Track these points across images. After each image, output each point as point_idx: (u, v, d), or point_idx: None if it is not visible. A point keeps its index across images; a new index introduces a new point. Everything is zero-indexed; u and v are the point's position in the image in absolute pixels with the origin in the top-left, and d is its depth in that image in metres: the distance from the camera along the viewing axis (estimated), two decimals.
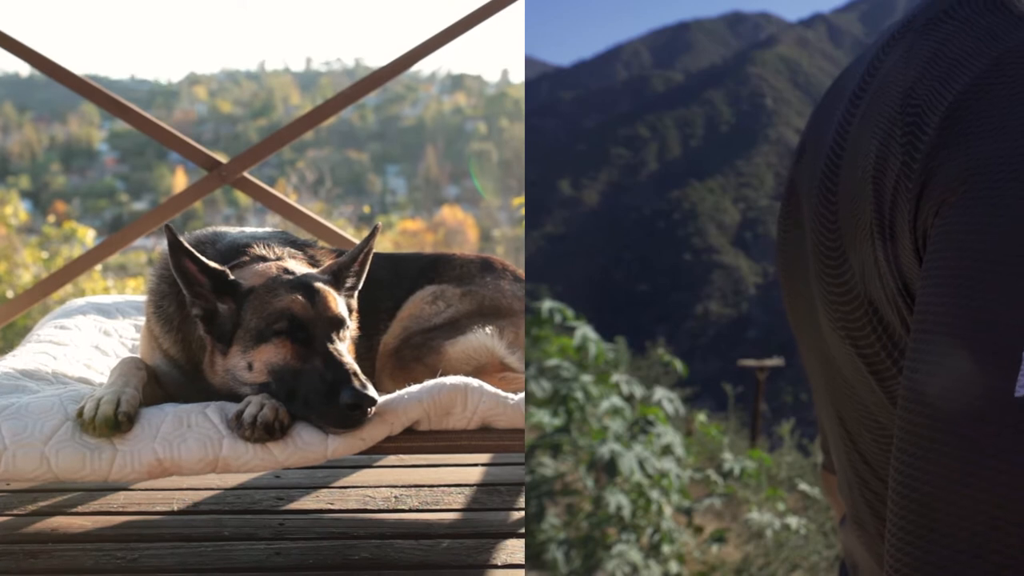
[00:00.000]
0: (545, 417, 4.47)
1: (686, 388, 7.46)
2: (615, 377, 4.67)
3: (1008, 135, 0.59)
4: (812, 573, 5.26)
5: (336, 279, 2.36)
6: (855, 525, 0.87)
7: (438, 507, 2.85)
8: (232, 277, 2.26)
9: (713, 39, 67.40)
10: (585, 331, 4.58)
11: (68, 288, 4.31)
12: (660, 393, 4.73)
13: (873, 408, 0.75)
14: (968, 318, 0.57)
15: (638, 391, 4.69)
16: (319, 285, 2.28)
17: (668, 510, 4.42)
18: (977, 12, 0.68)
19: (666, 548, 4.34)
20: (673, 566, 4.33)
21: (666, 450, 4.48)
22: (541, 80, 67.26)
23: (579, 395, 4.41)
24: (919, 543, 0.57)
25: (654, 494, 4.33)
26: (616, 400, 4.54)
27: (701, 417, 5.86)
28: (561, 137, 56.20)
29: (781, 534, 5.15)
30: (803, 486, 6.12)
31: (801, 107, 53.72)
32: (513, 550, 2.54)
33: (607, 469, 4.17)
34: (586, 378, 4.50)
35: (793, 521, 5.16)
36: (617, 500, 4.20)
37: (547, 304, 4.62)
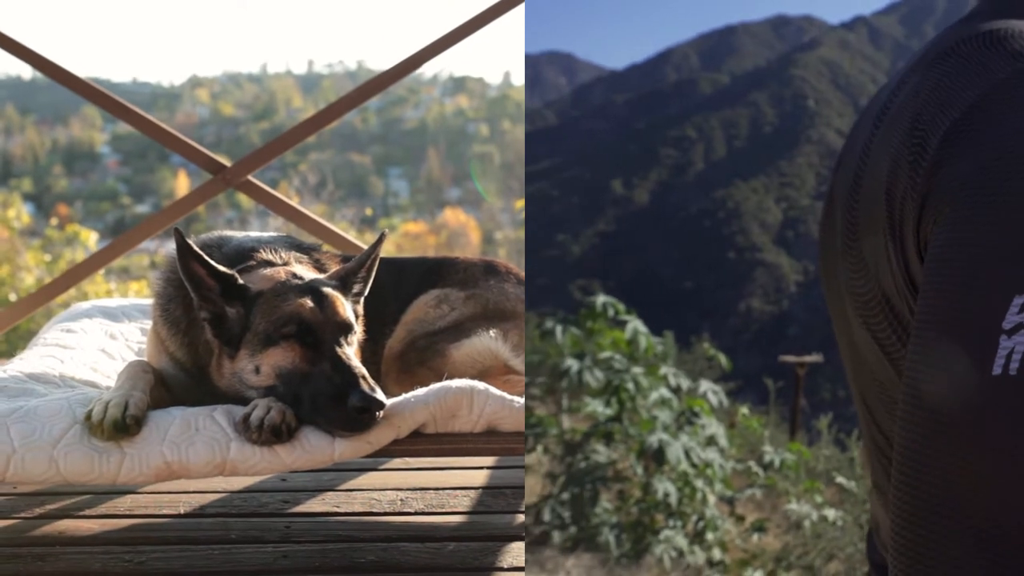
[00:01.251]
0: (599, 407, 4.68)
1: (729, 382, 7.61)
2: (663, 369, 4.87)
3: (988, 157, 0.69)
4: (848, 564, 5.32)
5: (344, 285, 2.37)
6: (875, 489, 0.97)
7: (443, 510, 2.86)
8: (241, 281, 2.27)
9: (758, 42, 69.57)
10: (636, 325, 4.81)
11: (71, 291, 4.32)
12: (705, 386, 4.94)
13: (886, 384, 0.85)
14: (952, 313, 0.66)
15: (684, 383, 4.89)
16: (327, 290, 2.29)
17: (712, 499, 4.61)
18: (976, 49, 0.78)
19: (710, 535, 4.53)
20: (716, 553, 4.51)
21: (710, 441, 4.69)
22: (596, 83, 71.25)
23: (630, 386, 4.61)
24: (917, 530, 0.65)
25: (699, 483, 4.53)
26: (664, 392, 4.75)
27: (743, 410, 6.03)
28: (613, 138, 58.78)
29: (819, 525, 5.26)
30: (840, 479, 6.20)
31: (842, 108, 55.09)
32: (519, 553, 2.55)
33: (655, 457, 4.38)
34: (636, 370, 4.70)
35: (830, 513, 5.28)
36: (664, 487, 4.39)
37: (601, 298, 4.84)
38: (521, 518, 2.83)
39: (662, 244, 49.84)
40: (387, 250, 2.53)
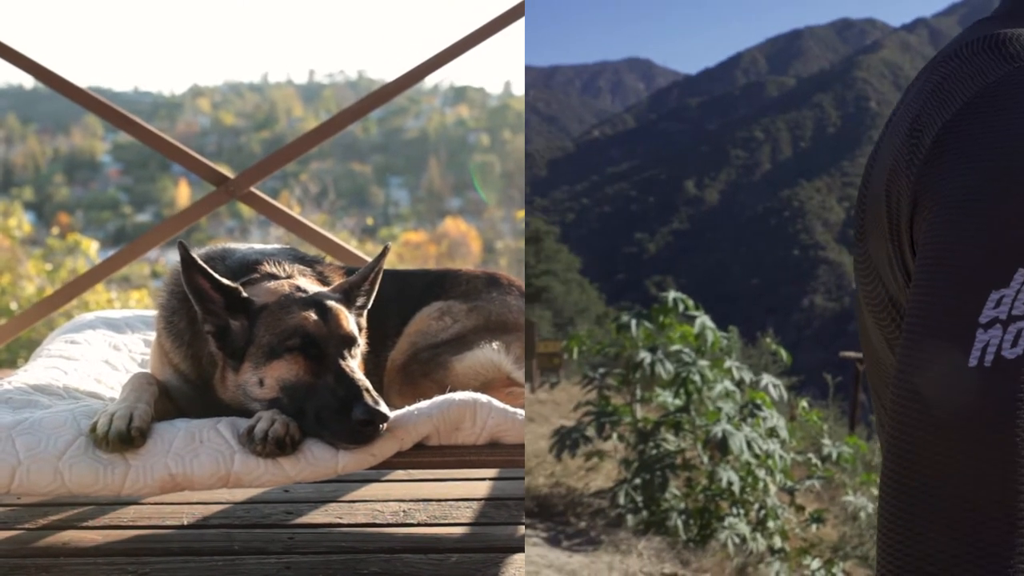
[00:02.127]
0: (668, 397, 5.00)
1: (791, 377, 7.85)
2: (728, 363, 5.13)
3: (973, 159, 0.72)
4: None
5: (347, 298, 2.38)
6: None
7: (446, 521, 2.86)
8: (245, 294, 2.28)
9: (823, 45, 74.12)
10: (704, 320, 5.10)
11: (72, 301, 4.35)
12: (767, 379, 5.17)
13: (889, 369, 0.89)
14: (937, 309, 0.69)
15: (747, 377, 5.14)
16: (331, 303, 2.30)
17: (773, 488, 4.85)
18: (976, 52, 0.80)
19: (771, 523, 4.75)
20: (777, 541, 4.72)
21: (772, 433, 4.91)
22: (672, 88, 77.49)
23: (697, 378, 4.87)
24: (896, 512, 0.69)
25: (761, 473, 4.76)
26: (728, 384, 5.02)
27: (803, 404, 6.26)
28: (687, 140, 63.99)
29: (875, 517, 5.38)
30: None
31: None
32: (521, 564, 2.55)
33: (719, 447, 4.62)
34: (703, 363, 4.98)
35: None
36: (728, 476, 4.63)
37: (672, 294, 5.13)
38: (522, 530, 2.83)
39: (731, 242, 54.08)
40: (388, 260, 2.54)
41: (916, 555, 0.65)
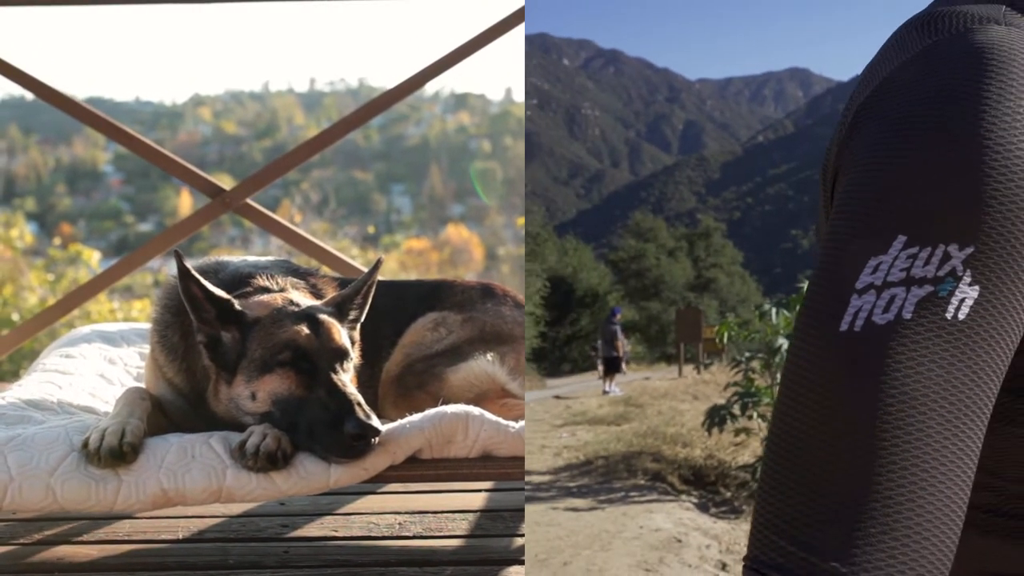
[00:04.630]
0: None
1: None
2: None
3: (871, 131, 0.73)
4: None
5: (340, 311, 2.38)
6: None
7: (441, 534, 2.86)
8: (238, 307, 2.28)
9: None
10: None
11: (74, 311, 4.36)
12: None
13: None
14: (823, 274, 0.70)
15: None
16: (323, 317, 2.30)
17: None
18: (908, 32, 0.81)
19: None
20: None
21: None
22: (827, 94, 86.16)
23: None
24: (764, 470, 0.69)
25: None
26: None
27: None
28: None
29: None
30: None
31: None
32: None
33: None
34: None
35: None
36: None
37: (805, 284, 5.56)
38: (520, 541, 2.83)
39: None
40: (390, 267, 2.55)
41: (778, 513, 0.65)
